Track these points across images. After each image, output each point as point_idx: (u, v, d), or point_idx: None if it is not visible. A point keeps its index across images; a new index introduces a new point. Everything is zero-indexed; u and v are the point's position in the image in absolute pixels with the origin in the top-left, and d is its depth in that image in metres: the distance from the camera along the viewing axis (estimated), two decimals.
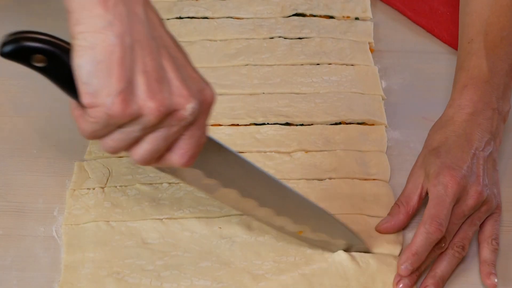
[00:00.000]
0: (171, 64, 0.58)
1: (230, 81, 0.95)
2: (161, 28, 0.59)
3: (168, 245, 0.77)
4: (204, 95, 0.61)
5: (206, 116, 0.62)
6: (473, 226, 0.76)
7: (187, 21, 1.03)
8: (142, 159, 0.60)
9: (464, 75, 0.83)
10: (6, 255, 0.77)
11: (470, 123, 0.79)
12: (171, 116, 0.58)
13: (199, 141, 0.62)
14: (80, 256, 0.76)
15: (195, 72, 0.61)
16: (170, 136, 0.59)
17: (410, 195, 0.78)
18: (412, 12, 1.06)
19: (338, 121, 0.91)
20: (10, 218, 0.80)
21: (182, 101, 0.58)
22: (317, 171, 0.85)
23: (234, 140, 0.87)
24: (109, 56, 0.55)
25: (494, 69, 0.82)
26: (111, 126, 0.58)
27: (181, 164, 0.61)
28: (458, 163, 0.75)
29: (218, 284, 0.74)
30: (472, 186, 0.75)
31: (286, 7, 1.05)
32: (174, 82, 0.58)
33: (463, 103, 0.80)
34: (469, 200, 0.75)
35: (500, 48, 0.83)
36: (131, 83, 0.56)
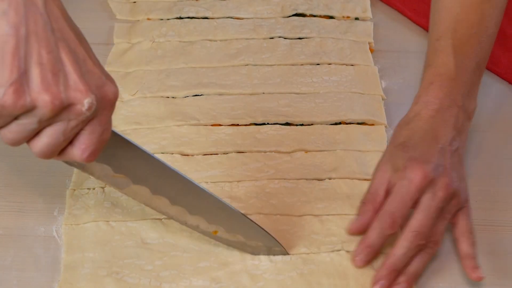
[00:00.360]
0: (70, 57, 0.57)
1: (230, 81, 0.95)
2: (62, 20, 0.58)
3: (168, 245, 0.77)
4: (105, 91, 0.59)
5: (109, 112, 0.61)
6: (443, 220, 0.75)
7: (187, 21, 1.03)
8: (42, 152, 0.59)
9: (431, 72, 0.82)
10: (6, 255, 0.77)
11: (436, 119, 0.79)
12: (68, 110, 0.57)
13: (101, 137, 0.61)
14: (79, 256, 0.76)
15: (97, 67, 0.60)
16: (69, 131, 0.58)
17: (377, 191, 0.76)
18: (412, 12, 1.06)
19: (338, 121, 0.91)
20: (10, 218, 0.80)
21: (79, 96, 0.57)
22: (317, 171, 0.85)
23: (234, 140, 0.87)
24: (2, 46, 0.54)
25: (461, 67, 0.81)
26: (5, 117, 0.56)
27: (82, 159, 0.61)
28: (426, 157, 0.75)
29: (216, 284, 0.74)
30: (440, 178, 0.74)
31: (286, 7, 1.05)
32: (72, 76, 0.57)
33: (429, 99, 0.80)
34: (439, 192, 0.74)
35: (468, 45, 0.83)
36: (25, 74, 0.55)
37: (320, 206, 0.81)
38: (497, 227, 0.80)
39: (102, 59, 0.98)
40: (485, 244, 0.79)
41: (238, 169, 0.84)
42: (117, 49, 1.00)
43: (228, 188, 0.82)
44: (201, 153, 0.87)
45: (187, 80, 0.95)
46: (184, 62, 0.97)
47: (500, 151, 0.89)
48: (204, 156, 0.86)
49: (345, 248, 0.77)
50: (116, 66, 0.97)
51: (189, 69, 0.97)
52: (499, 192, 0.84)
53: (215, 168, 0.84)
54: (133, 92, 0.93)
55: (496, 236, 0.80)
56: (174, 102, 0.92)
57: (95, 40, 1.02)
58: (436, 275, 0.76)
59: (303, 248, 0.77)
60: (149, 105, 0.91)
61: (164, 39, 1.00)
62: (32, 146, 0.59)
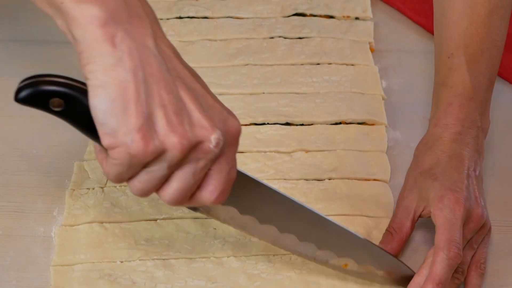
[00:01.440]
0: (189, 95, 0.56)
1: (230, 81, 0.95)
2: (175, 59, 0.57)
3: (162, 246, 0.76)
4: (228, 126, 0.58)
5: (234, 148, 0.59)
6: (471, 250, 0.74)
7: (187, 20, 1.03)
8: (173, 199, 0.57)
9: (448, 92, 0.80)
10: (6, 255, 0.77)
11: (459, 143, 0.77)
12: (196, 149, 0.55)
13: (228, 176, 0.59)
14: (71, 258, 0.75)
15: (216, 101, 0.59)
16: (198, 172, 0.57)
17: (402, 221, 0.75)
18: (413, 11, 1.06)
19: (338, 121, 0.91)
20: (10, 218, 0.80)
21: (205, 133, 0.55)
22: (317, 171, 0.84)
23: None
24: (123, 93, 0.53)
25: (477, 85, 0.79)
26: (135, 166, 0.55)
27: (212, 201, 0.58)
28: (458, 185, 0.73)
29: (212, 284, 0.73)
30: (474, 209, 0.73)
31: (286, 7, 1.05)
32: (195, 114, 0.55)
33: (450, 122, 0.78)
34: (471, 223, 0.73)
35: (481, 62, 0.80)
36: (149, 118, 0.54)
37: (319, 206, 0.80)
38: (497, 227, 0.80)
39: None
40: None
41: None
42: None
43: None
44: None
45: None
46: None
47: (500, 151, 0.89)
48: None
49: None
50: None
51: None
52: (499, 192, 0.84)
53: None
54: None
55: (496, 236, 0.80)
56: None
57: None
58: None
59: None
60: None
61: None
62: (162, 194, 0.58)
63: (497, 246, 0.79)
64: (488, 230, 0.76)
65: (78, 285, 0.73)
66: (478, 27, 0.80)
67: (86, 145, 0.87)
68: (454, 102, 0.79)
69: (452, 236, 0.70)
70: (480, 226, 0.74)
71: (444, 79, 0.81)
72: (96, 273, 0.74)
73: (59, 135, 0.88)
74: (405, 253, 0.78)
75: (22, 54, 0.99)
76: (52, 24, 1.07)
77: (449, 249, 0.69)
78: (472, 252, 0.74)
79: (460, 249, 0.69)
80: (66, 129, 0.88)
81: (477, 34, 0.80)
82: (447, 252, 0.69)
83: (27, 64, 0.97)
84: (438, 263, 0.69)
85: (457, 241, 0.69)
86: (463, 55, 0.80)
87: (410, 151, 0.87)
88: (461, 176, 0.74)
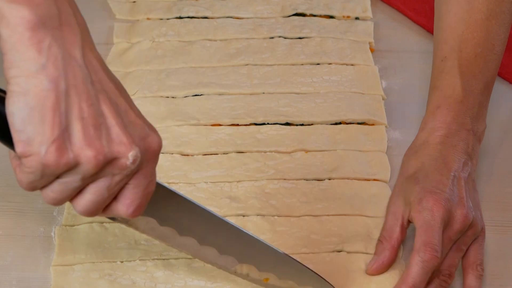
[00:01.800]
0: (111, 109, 0.55)
1: (230, 81, 0.95)
2: (101, 72, 0.56)
3: (162, 246, 0.76)
4: (148, 143, 0.57)
5: (153, 163, 0.58)
6: (459, 252, 0.73)
7: (187, 20, 1.03)
8: (86, 211, 0.57)
9: (437, 95, 0.79)
10: (6, 255, 0.77)
11: (445, 145, 0.76)
12: (112, 164, 0.55)
13: (146, 190, 0.58)
14: (71, 258, 0.75)
15: (139, 118, 0.58)
16: (113, 186, 0.56)
17: (392, 228, 0.74)
18: (413, 11, 1.06)
19: (338, 121, 0.91)
20: (10, 218, 0.80)
21: (123, 149, 0.55)
22: (317, 171, 0.85)
23: (234, 140, 0.87)
24: (42, 102, 0.52)
25: (468, 88, 0.78)
26: (48, 176, 0.54)
27: (128, 215, 0.58)
28: (439, 187, 0.72)
29: (212, 284, 0.73)
30: (457, 210, 0.72)
31: (286, 7, 1.05)
32: (114, 129, 0.55)
33: (437, 125, 0.77)
34: (455, 224, 0.72)
35: (475, 65, 0.79)
36: (66, 130, 0.53)
37: (319, 206, 0.81)
38: (497, 227, 0.80)
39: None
40: (485, 244, 0.78)
41: (238, 169, 0.84)
42: (117, 49, 1.00)
43: (228, 188, 0.82)
44: (201, 153, 0.86)
45: (187, 80, 0.95)
46: (184, 62, 0.97)
47: (500, 151, 0.89)
48: (204, 156, 0.86)
49: (345, 249, 0.77)
50: (116, 66, 0.97)
51: (189, 69, 0.96)
52: (499, 192, 0.84)
53: (215, 168, 0.84)
54: (133, 92, 0.93)
55: (496, 236, 0.80)
56: (174, 102, 0.92)
57: (94, 40, 1.02)
58: None
59: (302, 248, 0.77)
60: (149, 105, 0.91)
61: (164, 39, 1.00)
62: (75, 205, 0.57)
63: (497, 246, 0.79)
64: (480, 231, 0.75)
65: (78, 285, 0.73)
66: (474, 32, 0.79)
67: None
68: (442, 105, 0.78)
69: (428, 238, 0.69)
70: (465, 227, 0.72)
71: (435, 82, 0.81)
72: (96, 273, 0.74)
73: None
74: (405, 252, 0.78)
75: None
76: None
77: (425, 252, 0.68)
78: (460, 254, 0.73)
79: (437, 251, 0.69)
80: None
81: (473, 39, 0.79)
82: (422, 254, 0.68)
83: None
84: (412, 265, 0.69)
85: (433, 243, 0.69)
86: (456, 59, 0.79)
87: None
88: (444, 178, 0.73)
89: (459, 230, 0.72)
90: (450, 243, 0.72)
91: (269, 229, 0.78)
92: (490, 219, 0.81)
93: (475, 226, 0.74)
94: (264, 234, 0.78)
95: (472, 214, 0.73)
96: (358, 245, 0.77)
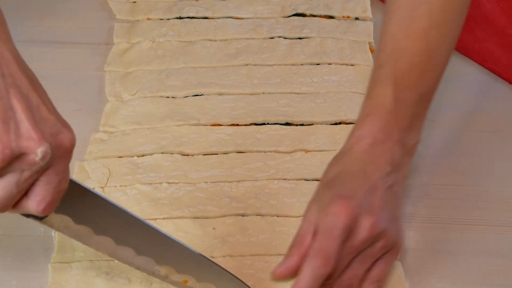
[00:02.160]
0: (22, 104, 0.53)
1: (230, 81, 0.95)
2: (14, 65, 0.54)
3: None
4: (60, 139, 0.55)
5: (66, 160, 0.57)
6: (364, 263, 0.70)
7: (187, 21, 1.03)
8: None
9: (369, 103, 0.76)
10: (6, 255, 0.77)
11: (368, 154, 0.73)
12: (20, 160, 0.53)
13: (58, 188, 0.57)
14: (70, 256, 0.76)
15: (52, 114, 0.56)
16: (22, 182, 0.54)
17: (304, 235, 0.69)
18: None
19: (338, 121, 0.91)
20: (10, 218, 0.80)
21: (32, 145, 0.53)
22: (317, 171, 0.84)
23: (234, 140, 0.87)
24: None
25: (400, 99, 0.74)
26: None
27: (38, 212, 0.56)
28: (351, 193, 0.69)
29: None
30: (365, 218, 0.68)
31: (286, 7, 1.05)
32: (24, 124, 0.53)
33: (363, 133, 0.74)
34: (361, 233, 0.67)
35: (410, 76, 0.75)
36: None
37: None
38: (497, 227, 0.80)
39: (102, 59, 0.98)
40: (485, 244, 0.79)
41: (238, 169, 0.84)
42: (117, 49, 1.00)
43: (228, 188, 0.82)
44: (201, 153, 0.86)
45: (187, 80, 0.95)
46: (184, 62, 0.97)
47: (500, 151, 0.89)
48: (204, 156, 0.86)
49: None
50: (116, 66, 0.97)
51: (189, 69, 0.97)
52: (499, 192, 0.84)
53: (215, 168, 0.84)
54: (133, 92, 0.93)
55: (496, 236, 0.80)
56: (174, 102, 0.92)
57: (95, 40, 1.02)
58: (436, 274, 0.76)
59: None
60: (149, 105, 0.91)
61: (164, 39, 1.00)
62: None
63: (497, 246, 0.79)
64: (392, 246, 0.72)
65: (75, 282, 0.73)
66: (413, 41, 0.75)
67: (86, 145, 0.87)
68: (371, 114, 0.75)
69: (323, 245, 0.66)
70: (372, 238, 0.69)
71: (370, 90, 0.77)
72: (93, 271, 0.74)
73: None
74: (405, 253, 0.78)
75: (22, 54, 0.99)
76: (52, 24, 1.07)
77: (316, 258, 0.66)
78: (364, 265, 0.70)
79: (330, 259, 0.65)
80: None
81: (410, 48, 0.75)
82: (313, 260, 0.66)
83: None
84: (303, 271, 0.66)
85: (327, 250, 0.66)
86: (391, 67, 0.76)
87: None
88: (360, 185, 0.70)
89: (364, 240, 0.68)
90: (353, 252, 0.68)
91: (268, 229, 0.78)
92: (490, 219, 0.81)
93: (386, 239, 0.70)
94: (264, 234, 0.78)
95: (383, 225, 0.69)
96: None
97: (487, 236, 0.79)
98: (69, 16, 1.05)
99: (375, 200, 0.70)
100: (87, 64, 0.98)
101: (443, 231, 0.80)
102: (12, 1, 1.07)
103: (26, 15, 1.05)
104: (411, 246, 0.78)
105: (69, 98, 0.93)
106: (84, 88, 0.95)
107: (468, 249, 0.78)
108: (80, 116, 0.91)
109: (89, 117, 0.91)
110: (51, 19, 1.04)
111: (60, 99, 0.95)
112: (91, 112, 0.92)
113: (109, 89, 0.94)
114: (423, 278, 0.76)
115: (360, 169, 0.72)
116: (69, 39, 1.01)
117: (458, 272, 0.76)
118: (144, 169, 0.84)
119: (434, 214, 0.81)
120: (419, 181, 0.85)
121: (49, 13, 1.05)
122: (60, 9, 1.06)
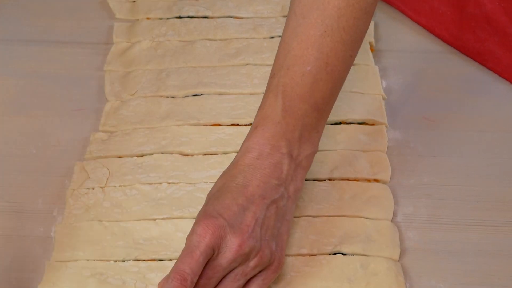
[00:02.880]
0: None
1: (230, 80, 0.95)
2: None
3: (160, 246, 0.76)
4: None
5: None
6: (235, 282, 0.68)
7: (187, 20, 1.03)
8: None
9: (258, 114, 0.73)
10: (6, 255, 0.77)
11: (252, 168, 0.70)
12: None
13: None
14: (69, 255, 0.76)
15: None
16: None
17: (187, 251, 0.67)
18: (413, 11, 1.06)
19: (339, 121, 0.91)
20: (9, 219, 0.80)
21: None
22: (317, 171, 0.84)
23: (234, 140, 0.87)
24: None
25: (289, 109, 0.72)
26: None
27: None
28: (221, 212, 0.67)
29: None
30: (232, 237, 0.66)
31: (286, 7, 1.05)
32: None
33: (250, 145, 0.71)
34: (227, 252, 0.66)
35: (301, 85, 0.72)
36: None
37: (319, 206, 0.80)
38: (497, 227, 0.80)
39: (102, 59, 0.98)
40: (485, 244, 0.79)
41: None
42: (117, 49, 1.00)
43: None
44: (201, 153, 0.86)
45: (187, 80, 0.95)
46: (184, 61, 0.97)
47: (500, 151, 0.89)
48: (204, 156, 0.86)
49: (342, 250, 0.77)
50: (115, 66, 0.97)
51: (189, 68, 0.96)
52: (499, 192, 0.84)
53: (215, 168, 0.84)
54: (133, 91, 0.93)
55: (497, 236, 0.80)
56: (174, 101, 0.92)
57: (95, 39, 1.02)
58: (436, 275, 0.76)
59: (301, 249, 0.77)
60: (149, 105, 0.91)
61: (163, 39, 1.00)
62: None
63: (497, 246, 0.79)
64: (269, 264, 0.70)
65: (68, 282, 0.73)
66: (305, 48, 0.72)
67: (86, 145, 0.87)
68: (259, 125, 0.72)
69: (181, 265, 0.64)
70: (241, 257, 0.67)
71: (262, 100, 0.75)
72: (88, 271, 0.74)
73: (59, 135, 0.89)
74: (405, 253, 0.78)
75: (22, 54, 0.99)
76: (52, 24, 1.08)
77: (172, 279, 0.64)
78: (235, 284, 0.69)
79: (187, 280, 0.64)
80: (66, 129, 0.89)
81: (303, 56, 0.72)
82: (169, 281, 0.64)
83: (27, 64, 0.97)
84: None
85: (184, 271, 0.64)
86: (282, 77, 0.73)
87: (410, 151, 0.87)
88: (233, 202, 0.68)
89: (231, 259, 0.67)
90: (221, 271, 0.67)
91: None
92: (490, 219, 0.81)
93: (259, 258, 0.69)
94: None
95: (253, 244, 0.68)
96: (356, 247, 0.77)
97: (487, 236, 0.79)
98: (68, 16, 1.05)
99: (249, 219, 0.68)
100: (86, 63, 0.98)
101: (443, 231, 0.80)
102: (11, 1, 1.07)
103: (25, 15, 1.05)
104: (411, 246, 0.78)
105: (69, 98, 0.93)
106: (84, 88, 0.95)
107: (468, 249, 0.78)
108: (80, 116, 0.91)
109: (89, 117, 0.91)
110: (50, 19, 1.04)
111: (60, 99, 0.96)
112: (91, 112, 0.92)
113: (109, 89, 0.94)
114: (423, 278, 0.76)
115: (241, 183, 0.70)
116: (69, 39, 1.01)
117: (458, 273, 0.76)
118: (144, 169, 0.84)
119: (434, 214, 0.81)
120: (419, 181, 0.85)
121: (48, 12, 1.05)
122: (60, 9, 1.06)
